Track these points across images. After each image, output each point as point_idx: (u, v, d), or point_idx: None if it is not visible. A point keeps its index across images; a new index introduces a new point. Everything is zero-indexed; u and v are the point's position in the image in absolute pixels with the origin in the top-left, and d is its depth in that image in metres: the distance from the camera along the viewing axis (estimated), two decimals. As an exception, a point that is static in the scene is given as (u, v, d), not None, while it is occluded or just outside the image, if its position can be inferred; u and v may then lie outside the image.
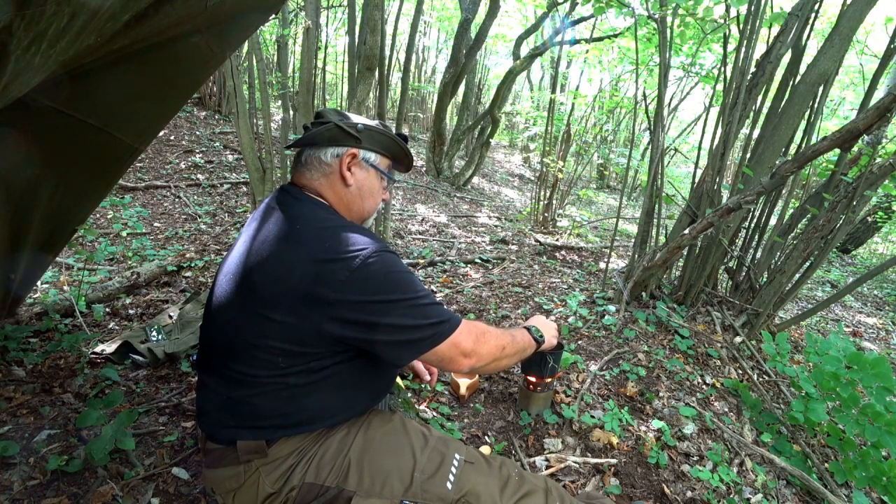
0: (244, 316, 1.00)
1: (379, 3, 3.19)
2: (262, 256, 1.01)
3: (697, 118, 5.17)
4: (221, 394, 1.05)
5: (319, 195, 1.12)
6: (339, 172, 1.11)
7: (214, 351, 1.08)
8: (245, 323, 1.00)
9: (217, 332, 1.08)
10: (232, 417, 1.04)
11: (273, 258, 0.99)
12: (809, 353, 1.88)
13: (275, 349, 0.99)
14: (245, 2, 1.53)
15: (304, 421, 1.06)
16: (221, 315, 1.06)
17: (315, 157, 1.11)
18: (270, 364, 1.00)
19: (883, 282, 5.77)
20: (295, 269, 0.96)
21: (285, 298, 0.96)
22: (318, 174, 1.11)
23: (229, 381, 1.04)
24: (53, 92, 1.36)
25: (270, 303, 0.97)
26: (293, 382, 1.02)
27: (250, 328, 0.99)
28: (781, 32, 2.34)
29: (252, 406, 1.03)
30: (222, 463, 1.05)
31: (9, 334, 1.97)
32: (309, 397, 1.04)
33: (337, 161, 1.11)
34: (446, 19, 11.21)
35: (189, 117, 6.55)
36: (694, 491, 1.61)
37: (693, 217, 2.49)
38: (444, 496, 1.02)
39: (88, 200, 1.92)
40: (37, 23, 0.63)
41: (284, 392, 1.02)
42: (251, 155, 3.50)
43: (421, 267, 3.78)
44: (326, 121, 1.10)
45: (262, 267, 1.00)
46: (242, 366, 1.02)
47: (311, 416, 1.06)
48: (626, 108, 6.88)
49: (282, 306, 0.96)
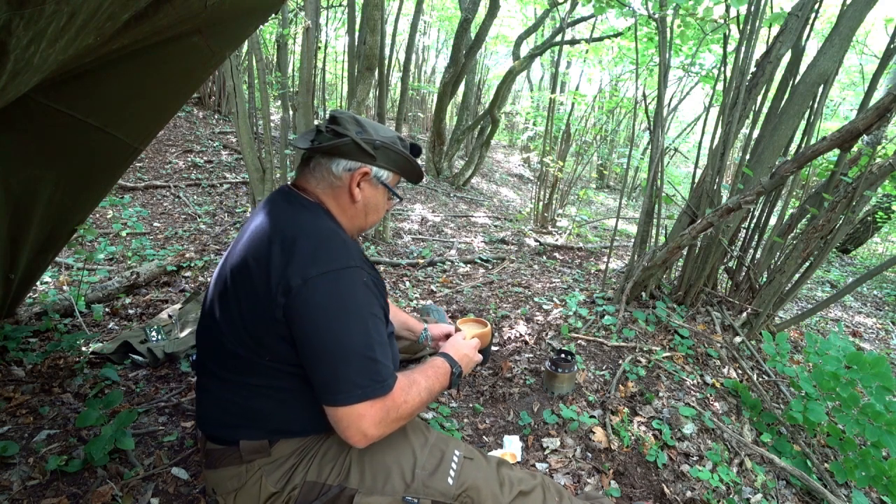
0: (228, 320, 1.01)
1: (379, 3, 3.19)
2: (240, 256, 1.01)
3: (697, 118, 5.17)
4: (221, 396, 1.06)
5: (320, 202, 1.09)
6: (349, 188, 1.08)
7: (209, 354, 1.09)
8: (229, 327, 1.00)
9: (209, 336, 1.08)
10: (234, 418, 1.05)
11: (248, 258, 0.99)
12: (809, 353, 1.88)
13: (258, 354, 0.99)
14: (245, 2, 1.53)
15: (306, 427, 1.06)
16: (211, 318, 1.07)
17: (325, 167, 1.07)
18: (259, 369, 1.00)
19: (882, 282, 5.77)
20: (264, 269, 0.95)
21: (256, 305, 0.96)
22: (324, 184, 1.08)
23: (227, 384, 1.04)
24: (53, 92, 1.36)
25: (244, 305, 0.98)
26: (286, 387, 1.02)
27: (234, 333, 1.00)
28: (781, 32, 2.34)
29: (252, 409, 1.03)
30: (223, 463, 1.05)
31: (8, 334, 1.96)
32: (300, 403, 1.04)
33: (348, 175, 1.07)
34: (446, 19, 11.20)
35: (189, 117, 6.55)
36: (694, 491, 1.61)
37: (693, 217, 2.49)
38: (446, 491, 1.02)
39: (88, 200, 1.92)
40: (36, 22, 0.63)
41: (279, 396, 1.03)
42: (251, 155, 3.50)
43: (421, 267, 3.78)
44: (343, 132, 1.05)
45: (240, 266, 1.00)
46: (235, 370, 1.03)
47: (308, 422, 1.06)
48: (625, 108, 6.88)
49: (251, 310, 0.97)
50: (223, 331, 1.01)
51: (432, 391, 1.08)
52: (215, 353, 1.06)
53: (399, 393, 0.99)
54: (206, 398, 1.10)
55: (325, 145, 1.05)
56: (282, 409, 1.03)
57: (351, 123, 1.07)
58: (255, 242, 1.00)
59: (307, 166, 1.10)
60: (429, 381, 1.08)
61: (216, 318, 1.04)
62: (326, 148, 1.05)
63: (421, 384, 1.06)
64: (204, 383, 1.11)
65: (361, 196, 1.09)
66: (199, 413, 1.12)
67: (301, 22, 4.08)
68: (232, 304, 1.00)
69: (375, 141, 1.07)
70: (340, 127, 1.06)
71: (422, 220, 5.29)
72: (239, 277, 1.00)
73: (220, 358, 1.05)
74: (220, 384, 1.06)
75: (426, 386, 1.07)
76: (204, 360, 1.11)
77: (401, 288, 3.31)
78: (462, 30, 6.47)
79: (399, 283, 3.38)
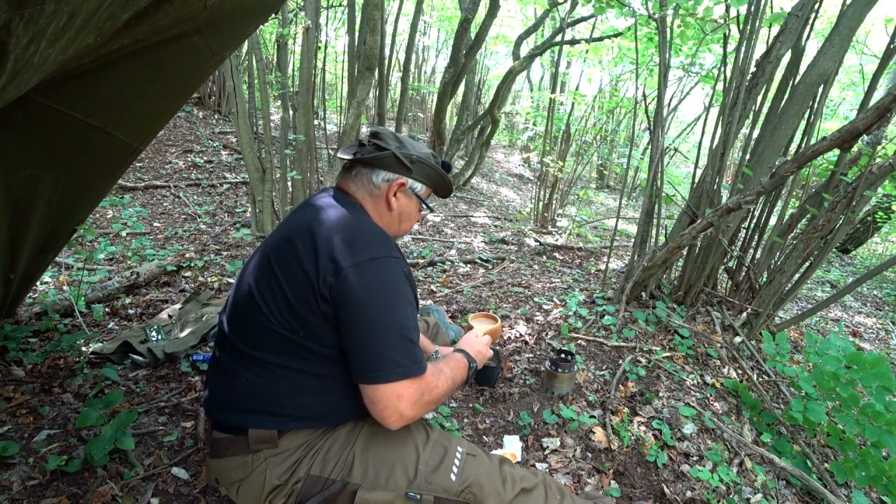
0: (268, 294, 1.04)
1: (379, 3, 3.19)
2: (286, 240, 1.07)
3: (697, 118, 5.17)
4: (240, 375, 1.07)
5: (362, 206, 1.17)
6: (386, 197, 1.17)
7: (237, 330, 1.11)
8: (268, 302, 1.04)
9: (241, 313, 1.10)
10: (245, 402, 1.06)
11: (294, 238, 1.05)
12: (809, 353, 1.87)
13: (292, 329, 1.02)
14: (244, 2, 1.53)
15: (317, 416, 1.08)
16: (248, 295, 1.09)
17: (367, 176, 1.16)
18: (288, 346, 1.04)
19: (882, 282, 5.77)
20: (311, 248, 1.02)
21: (302, 281, 1.01)
22: (363, 191, 1.17)
23: (250, 364, 1.06)
24: (53, 92, 1.36)
25: (286, 279, 1.03)
26: (307, 370, 1.05)
27: (273, 307, 1.03)
28: (781, 32, 2.34)
29: (269, 392, 1.05)
30: (229, 452, 1.06)
31: (8, 334, 1.96)
32: (317, 390, 1.06)
33: (386, 185, 1.16)
34: (446, 19, 11.20)
35: (189, 117, 6.55)
36: (694, 491, 1.61)
37: (693, 217, 2.49)
38: (449, 488, 1.04)
39: (88, 200, 1.92)
40: (36, 21, 0.63)
41: (297, 379, 1.05)
42: (251, 155, 3.50)
43: (421, 267, 3.78)
44: (385, 146, 1.15)
45: (284, 246, 1.06)
46: (261, 347, 1.05)
47: (324, 411, 1.08)
48: (626, 108, 6.89)
49: (294, 283, 1.02)
50: (260, 305, 1.04)
51: (455, 382, 1.15)
52: (244, 329, 1.08)
53: (431, 377, 1.05)
54: (221, 379, 1.11)
55: (368, 157, 1.14)
56: (296, 394, 1.05)
57: (391, 139, 1.18)
58: (303, 225, 1.07)
59: (349, 174, 1.19)
60: (452, 371, 1.15)
61: (253, 294, 1.07)
62: (369, 159, 1.14)
63: (447, 373, 1.12)
64: (220, 368, 1.12)
65: (397, 205, 1.18)
66: (211, 396, 1.13)
67: (301, 22, 4.08)
68: (274, 280, 1.04)
69: (413, 156, 1.17)
70: (382, 142, 1.16)
71: (422, 220, 5.29)
72: (283, 255, 1.05)
73: (249, 333, 1.07)
74: (241, 361, 1.07)
75: (451, 376, 1.13)
76: (227, 338, 1.12)
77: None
78: (462, 30, 6.47)
79: (399, 283, 3.38)
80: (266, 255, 1.10)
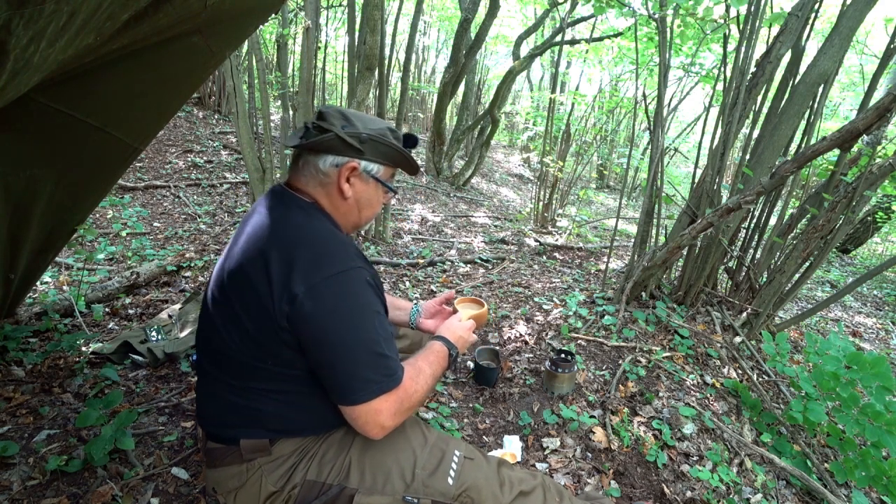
0: (229, 327, 1.00)
1: (379, 3, 3.19)
2: (238, 261, 1.00)
3: (697, 118, 5.17)
4: (221, 398, 1.06)
5: (315, 201, 1.07)
6: (337, 184, 1.05)
7: (209, 358, 1.08)
8: (231, 334, 1.00)
9: (209, 341, 1.07)
10: (234, 418, 1.05)
11: (246, 264, 0.98)
12: (809, 353, 1.87)
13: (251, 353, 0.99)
14: (244, 2, 1.53)
15: (306, 426, 1.07)
16: (210, 321, 1.06)
17: (313, 164, 1.05)
18: (262, 373, 1.00)
19: (882, 282, 5.77)
20: (263, 277, 0.95)
21: (255, 304, 0.95)
22: (314, 181, 1.06)
23: (228, 387, 1.04)
24: (53, 92, 1.36)
25: (244, 312, 0.97)
26: (288, 389, 1.02)
27: (236, 339, 0.99)
28: (781, 32, 2.34)
29: (253, 410, 1.03)
30: (224, 462, 1.05)
31: (8, 334, 1.96)
32: (300, 404, 1.04)
33: (335, 171, 1.04)
34: (446, 19, 11.20)
35: (189, 117, 6.55)
36: (694, 491, 1.61)
37: (693, 217, 2.49)
38: (446, 491, 1.02)
39: (88, 200, 1.92)
40: (35, 21, 0.63)
41: (281, 398, 1.03)
42: (251, 155, 3.50)
43: (421, 267, 3.78)
44: (328, 127, 1.02)
45: (238, 272, 0.99)
46: (236, 375, 1.02)
47: (313, 421, 1.07)
48: (626, 108, 6.88)
49: (253, 317, 0.96)
50: (224, 337, 1.01)
51: (436, 376, 1.11)
52: (216, 358, 1.06)
53: (409, 383, 1.02)
54: (207, 399, 1.10)
55: (310, 142, 1.02)
56: (283, 410, 1.03)
57: (337, 118, 1.04)
58: (252, 249, 0.99)
59: (297, 165, 1.08)
60: (432, 367, 1.11)
61: (216, 325, 1.03)
62: (311, 144, 1.02)
63: (426, 371, 1.08)
64: (204, 384, 1.11)
65: (352, 192, 1.07)
66: (200, 412, 1.12)
67: (301, 22, 4.08)
68: (233, 312, 0.99)
69: (362, 134, 1.03)
70: (326, 122, 1.03)
71: (422, 220, 5.29)
72: (239, 285, 0.99)
73: (221, 362, 1.04)
74: (220, 386, 1.06)
75: (430, 373, 1.09)
76: (204, 362, 1.10)
77: (401, 288, 3.31)
78: (462, 30, 6.47)
79: (399, 283, 3.38)
80: (222, 284, 1.03)
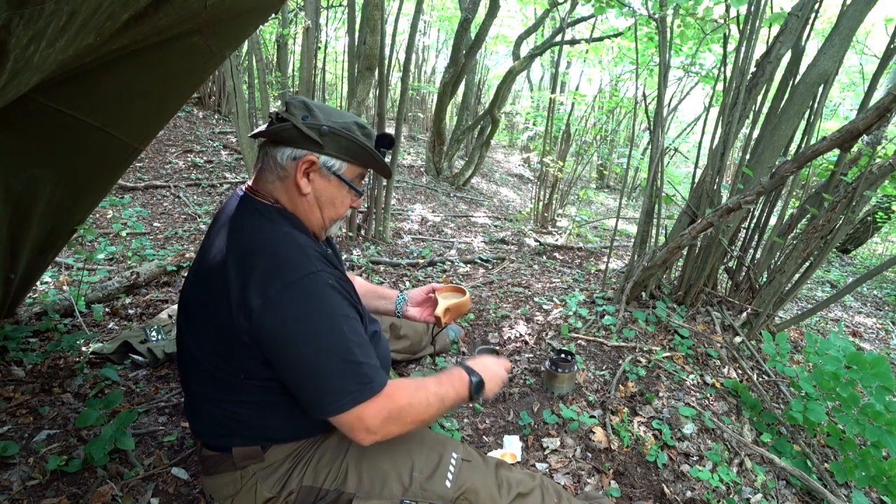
0: (197, 342, 0.99)
1: (379, 3, 3.19)
2: (201, 277, 0.98)
3: (697, 118, 5.17)
4: (206, 410, 1.05)
5: (275, 200, 1.01)
6: (294, 178, 0.98)
7: (187, 372, 1.08)
8: (200, 349, 0.98)
9: (184, 356, 1.06)
10: (222, 429, 1.04)
11: (209, 280, 0.95)
12: (809, 353, 1.87)
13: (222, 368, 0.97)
14: (245, 2, 1.53)
15: (295, 431, 1.06)
16: (182, 337, 1.05)
17: (271, 156, 0.99)
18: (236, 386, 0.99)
19: (882, 282, 5.77)
20: (224, 293, 0.91)
21: (218, 322, 0.93)
22: (272, 176, 1.00)
23: (209, 400, 1.04)
24: (53, 92, 1.36)
25: (209, 325, 0.96)
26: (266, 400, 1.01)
27: (205, 354, 0.98)
28: (781, 32, 2.34)
29: (238, 421, 1.02)
30: (219, 469, 1.05)
31: (8, 334, 1.96)
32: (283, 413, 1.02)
33: (293, 165, 0.98)
34: (446, 19, 11.21)
35: (189, 117, 6.55)
36: (694, 491, 1.61)
37: (693, 217, 2.49)
38: (444, 494, 1.02)
39: (88, 200, 1.92)
40: (35, 21, 0.63)
41: (262, 408, 1.01)
42: (251, 155, 3.50)
43: (421, 267, 3.78)
44: (287, 117, 0.96)
45: (202, 289, 0.97)
46: (213, 388, 1.01)
47: (301, 426, 1.05)
48: (626, 108, 6.89)
49: (216, 329, 0.94)
50: (195, 353, 0.99)
51: (445, 397, 1.02)
52: (192, 372, 1.04)
53: (400, 394, 0.96)
54: (193, 411, 1.09)
55: (268, 130, 0.97)
56: (267, 419, 1.02)
57: (299, 108, 0.98)
58: (212, 261, 0.95)
59: (258, 160, 1.03)
60: (441, 387, 1.03)
61: (187, 342, 1.02)
62: (267, 133, 0.97)
63: (430, 389, 1.00)
64: (189, 397, 1.10)
65: (311, 188, 1.00)
66: (190, 423, 1.12)
67: (301, 22, 4.08)
68: (199, 326, 0.97)
69: (322, 126, 0.96)
70: (287, 112, 0.97)
71: (422, 220, 5.29)
72: (202, 301, 0.96)
73: (197, 376, 1.03)
74: (202, 400, 1.05)
75: (436, 391, 1.01)
76: (183, 376, 1.10)
77: (401, 288, 3.31)
78: (462, 30, 6.47)
79: (399, 283, 3.38)
80: (186, 300, 1.01)
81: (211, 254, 0.97)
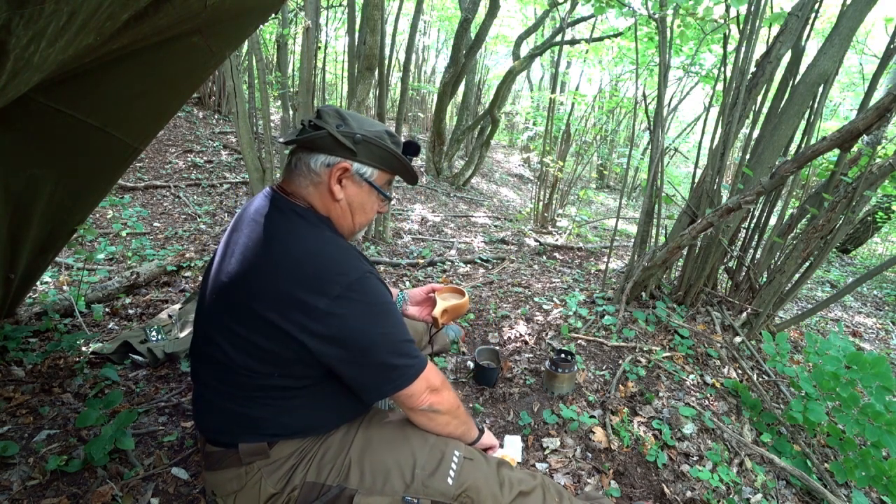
0: (233, 341, 0.99)
1: (379, 3, 3.19)
2: (238, 275, 0.97)
3: (697, 118, 5.17)
4: (217, 403, 1.05)
5: (308, 203, 1.04)
6: (328, 185, 1.02)
7: (207, 366, 1.07)
8: (235, 348, 0.98)
9: (207, 350, 1.06)
10: (231, 425, 1.04)
11: (249, 279, 0.96)
12: (809, 353, 1.87)
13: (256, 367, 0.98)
14: (245, 2, 1.53)
15: (305, 428, 1.07)
16: (207, 332, 1.05)
17: (305, 162, 1.02)
18: (266, 387, 1.00)
19: (882, 282, 5.77)
20: (271, 294, 0.93)
21: (262, 321, 0.94)
22: (306, 181, 1.03)
23: (225, 395, 1.04)
24: (53, 92, 1.36)
25: (248, 323, 0.96)
26: (288, 395, 1.02)
27: (241, 353, 0.98)
28: (781, 32, 2.34)
29: (250, 416, 1.03)
30: (223, 465, 1.05)
31: (8, 334, 1.96)
32: (301, 409, 1.04)
33: (327, 172, 1.01)
34: (446, 19, 11.20)
35: (188, 117, 6.55)
36: (694, 491, 1.61)
37: (693, 217, 2.49)
38: (446, 491, 1.03)
39: (88, 200, 1.92)
40: (35, 21, 0.63)
41: (280, 403, 1.02)
42: (251, 155, 3.50)
43: (421, 267, 3.78)
44: (322, 125, 0.99)
45: (239, 287, 0.97)
46: (235, 385, 1.02)
47: (312, 424, 1.07)
48: (626, 108, 6.89)
49: (258, 328, 0.95)
50: (226, 349, 0.99)
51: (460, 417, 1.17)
52: (214, 368, 1.04)
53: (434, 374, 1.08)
54: (205, 407, 1.09)
55: (302, 138, 1.00)
56: (281, 414, 1.03)
57: (333, 117, 1.02)
58: (255, 263, 0.96)
59: (290, 164, 1.06)
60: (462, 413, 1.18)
61: (214, 337, 1.01)
62: (303, 141, 1.00)
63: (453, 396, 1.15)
64: (202, 393, 1.10)
65: (343, 194, 1.04)
66: (198, 419, 1.11)
67: (301, 22, 4.08)
68: (235, 326, 0.97)
69: (356, 135, 1.01)
70: (321, 120, 1.01)
71: (422, 220, 5.29)
72: (242, 300, 0.96)
73: (220, 373, 1.03)
74: (219, 396, 1.05)
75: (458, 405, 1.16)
76: (200, 371, 1.09)
77: (401, 287, 3.30)
78: (462, 30, 6.47)
79: (399, 283, 3.38)
80: (220, 297, 1.00)
81: (252, 254, 0.97)
